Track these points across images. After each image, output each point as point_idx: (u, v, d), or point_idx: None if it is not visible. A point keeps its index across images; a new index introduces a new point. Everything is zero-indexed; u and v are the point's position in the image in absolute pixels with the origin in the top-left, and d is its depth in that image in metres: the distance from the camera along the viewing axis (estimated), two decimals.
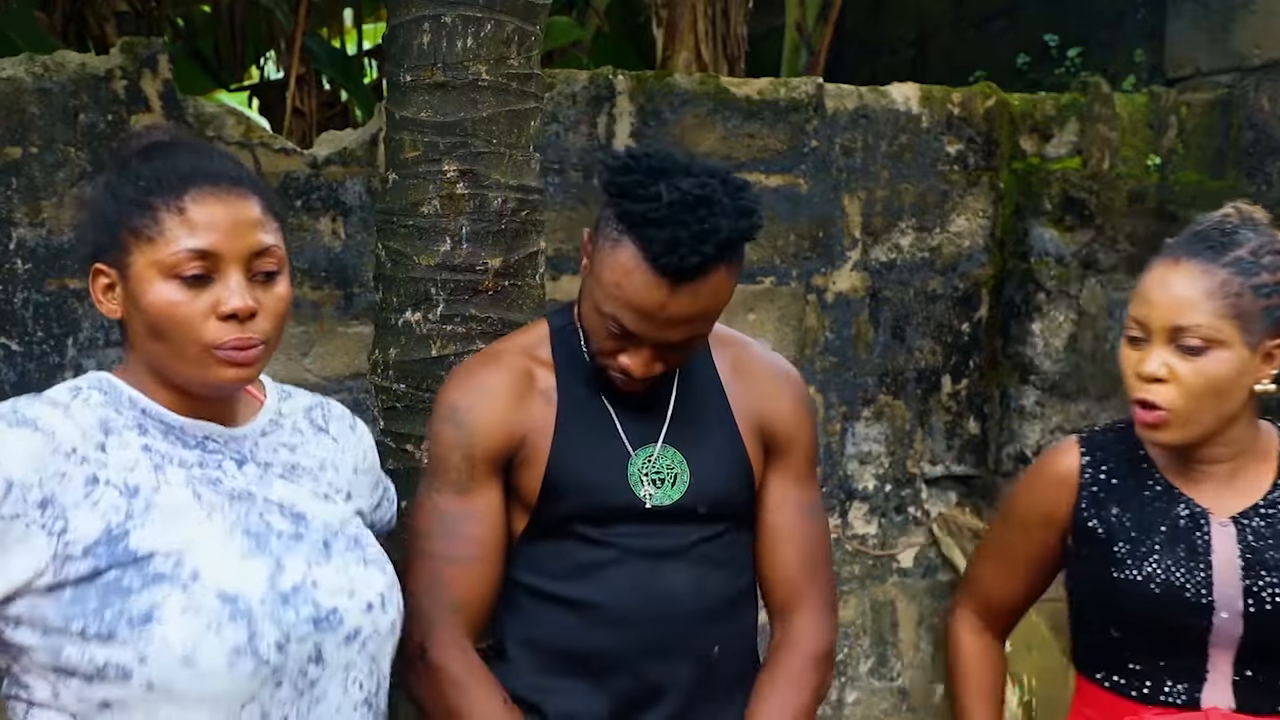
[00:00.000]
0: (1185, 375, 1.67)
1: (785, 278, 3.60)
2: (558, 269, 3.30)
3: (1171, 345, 1.68)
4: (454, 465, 1.76)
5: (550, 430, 1.76)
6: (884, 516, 3.75)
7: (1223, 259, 1.68)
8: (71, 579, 1.32)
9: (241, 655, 1.33)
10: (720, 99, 3.50)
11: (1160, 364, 1.69)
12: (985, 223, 3.78)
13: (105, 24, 4.68)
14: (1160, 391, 1.69)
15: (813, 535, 1.88)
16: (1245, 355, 1.68)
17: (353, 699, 1.47)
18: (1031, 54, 4.88)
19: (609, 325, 1.67)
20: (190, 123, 3.08)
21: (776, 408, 1.87)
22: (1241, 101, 3.87)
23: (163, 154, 1.46)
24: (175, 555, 1.36)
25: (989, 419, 3.84)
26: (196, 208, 1.40)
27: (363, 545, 1.54)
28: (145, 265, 1.39)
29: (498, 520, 1.77)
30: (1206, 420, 1.70)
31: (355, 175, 3.21)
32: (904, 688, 3.83)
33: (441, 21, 1.99)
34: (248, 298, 1.40)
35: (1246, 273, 1.67)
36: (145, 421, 1.43)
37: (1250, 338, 1.67)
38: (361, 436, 1.70)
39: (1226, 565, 1.71)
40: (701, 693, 1.78)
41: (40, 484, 1.32)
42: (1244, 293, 1.67)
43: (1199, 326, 1.66)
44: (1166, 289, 1.70)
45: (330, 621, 1.42)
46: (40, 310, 3.01)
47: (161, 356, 1.42)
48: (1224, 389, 1.68)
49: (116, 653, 1.31)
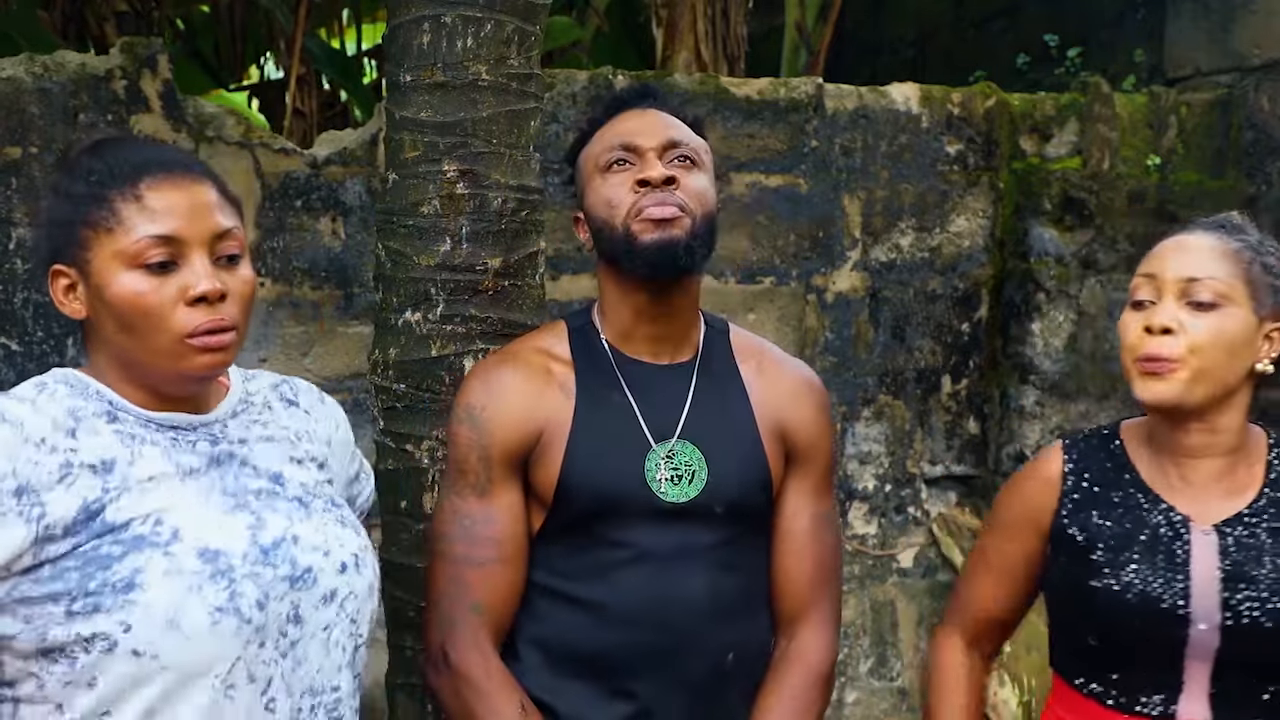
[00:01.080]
0: (1195, 329, 1.67)
1: (785, 278, 3.60)
2: (557, 269, 3.30)
3: (1183, 300, 1.68)
4: (472, 467, 1.76)
5: (568, 424, 1.76)
6: (884, 516, 3.75)
7: (1234, 235, 1.72)
8: (51, 558, 1.32)
9: (225, 614, 1.33)
10: (720, 99, 3.50)
11: (1171, 316, 1.68)
12: (985, 223, 3.78)
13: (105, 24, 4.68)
14: (1168, 343, 1.67)
15: (826, 548, 1.87)
16: (1252, 323, 1.69)
17: (335, 661, 1.47)
18: (1031, 54, 4.88)
19: (616, 158, 1.77)
20: (190, 122, 3.09)
21: (799, 415, 1.86)
22: (1241, 101, 3.87)
23: (110, 148, 1.45)
24: (154, 516, 1.36)
25: (989, 419, 3.84)
26: (153, 195, 1.38)
27: (339, 507, 1.55)
28: (107, 258, 1.37)
29: (518, 521, 1.76)
30: (1213, 380, 1.68)
31: (355, 175, 3.21)
32: (904, 688, 3.83)
33: (441, 21, 1.99)
34: (215, 280, 1.39)
35: (1256, 250, 1.70)
36: (114, 411, 1.42)
37: (1258, 307, 1.68)
38: (332, 409, 1.69)
39: (1205, 576, 1.69)
40: (715, 698, 1.77)
41: (14, 473, 1.31)
42: (1254, 263, 1.69)
43: (1213, 279, 1.67)
44: (1181, 246, 1.72)
45: (305, 580, 1.42)
46: (40, 310, 3.01)
47: (133, 352, 1.40)
48: (1233, 349, 1.68)
49: (101, 623, 1.30)
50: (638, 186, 1.74)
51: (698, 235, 1.74)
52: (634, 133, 1.78)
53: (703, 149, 1.82)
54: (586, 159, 1.84)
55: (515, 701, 1.71)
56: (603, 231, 1.77)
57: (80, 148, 1.47)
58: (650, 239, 1.71)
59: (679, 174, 1.75)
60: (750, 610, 1.82)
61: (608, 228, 1.76)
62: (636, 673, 1.74)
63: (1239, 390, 1.72)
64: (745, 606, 1.81)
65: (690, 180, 1.76)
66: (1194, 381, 1.68)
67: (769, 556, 1.85)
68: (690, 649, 1.75)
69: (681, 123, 1.83)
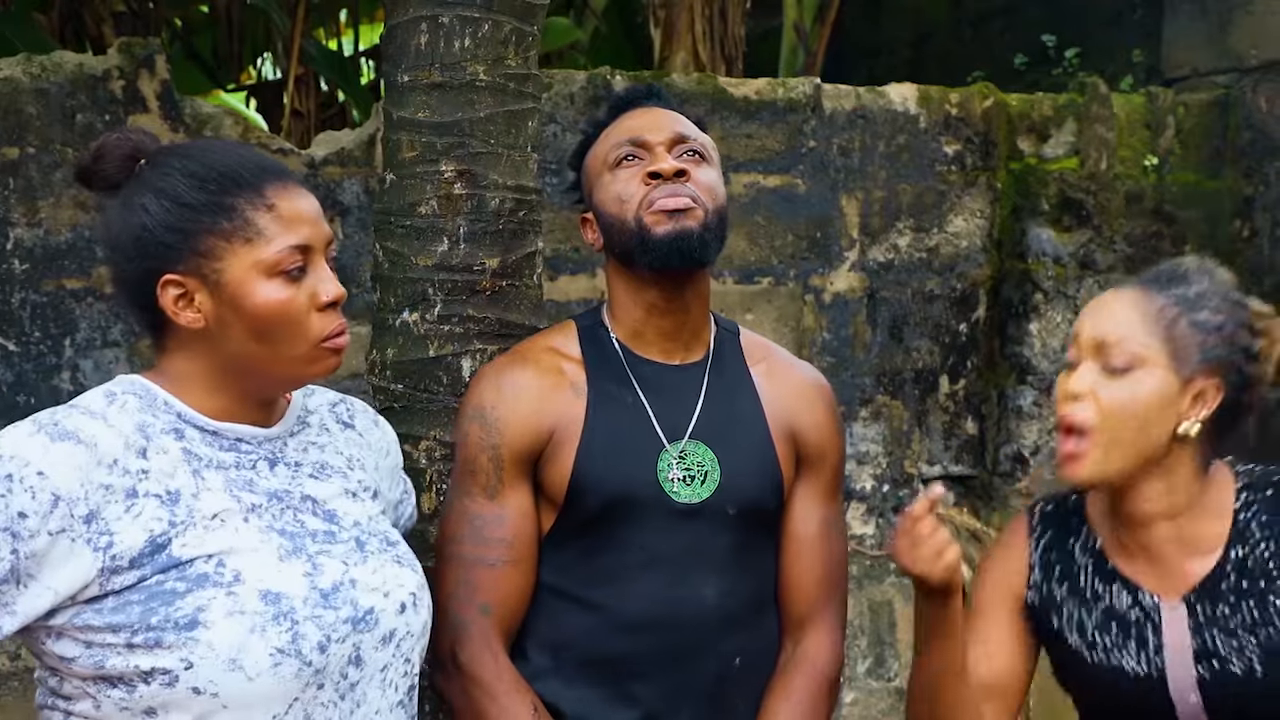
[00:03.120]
0: (1106, 394, 1.60)
1: (783, 278, 3.60)
2: (555, 269, 3.30)
3: (1099, 364, 1.62)
4: (482, 467, 1.75)
5: (580, 424, 1.75)
6: (881, 517, 3.75)
7: (1166, 290, 1.64)
8: (115, 589, 1.31)
9: (286, 656, 1.33)
10: (718, 99, 3.50)
11: (1084, 381, 1.62)
12: (983, 223, 3.79)
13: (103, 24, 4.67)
14: (1079, 410, 1.61)
15: (834, 552, 1.86)
16: (1172, 384, 1.60)
17: (389, 700, 1.46)
18: (1029, 54, 4.88)
19: (625, 154, 1.77)
20: (188, 123, 3.09)
21: (810, 418, 1.85)
22: (1239, 102, 3.87)
23: (202, 153, 1.43)
24: (217, 558, 1.35)
25: (986, 419, 3.84)
26: (283, 202, 1.39)
27: (394, 544, 1.54)
28: (245, 268, 1.37)
29: (528, 522, 1.75)
30: (1128, 449, 1.61)
31: (353, 175, 3.21)
32: (901, 688, 3.83)
33: (439, 22, 1.99)
34: (339, 285, 1.43)
35: (1187, 306, 1.62)
36: (181, 425, 1.41)
37: (1180, 366, 1.60)
38: (385, 431, 1.70)
39: (1179, 654, 1.64)
40: (722, 702, 1.77)
41: (85, 498, 1.29)
42: (1179, 321, 1.61)
43: (1125, 340, 1.60)
44: (1102, 306, 1.66)
45: (367, 622, 1.41)
46: (38, 310, 3.01)
47: (260, 360, 1.41)
48: (1145, 414, 1.60)
49: (162, 659, 1.30)
50: (648, 179, 1.73)
51: (710, 227, 1.73)
52: (642, 129, 1.78)
53: (710, 145, 1.82)
54: (593, 158, 1.84)
55: (528, 703, 1.70)
56: (614, 227, 1.76)
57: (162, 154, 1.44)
58: (664, 230, 1.70)
59: (689, 167, 1.75)
60: (758, 614, 1.81)
61: (619, 222, 1.75)
62: (644, 676, 1.73)
63: (1172, 453, 1.64)
64: (754, 610, 1.80)
65: (700, 174, 1.76)
66: (1106, 458, 1.61)
67: (777, 560, 1.84)
68: (698, 653, 1.74)
69: (687, 119, 1.84)
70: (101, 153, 1.43)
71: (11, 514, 1.26)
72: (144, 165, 1.42)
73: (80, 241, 3.02)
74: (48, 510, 1.27)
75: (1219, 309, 1.63)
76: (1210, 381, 1.61)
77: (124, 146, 1.43)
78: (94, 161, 1.43)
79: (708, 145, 1.82)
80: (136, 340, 3.04)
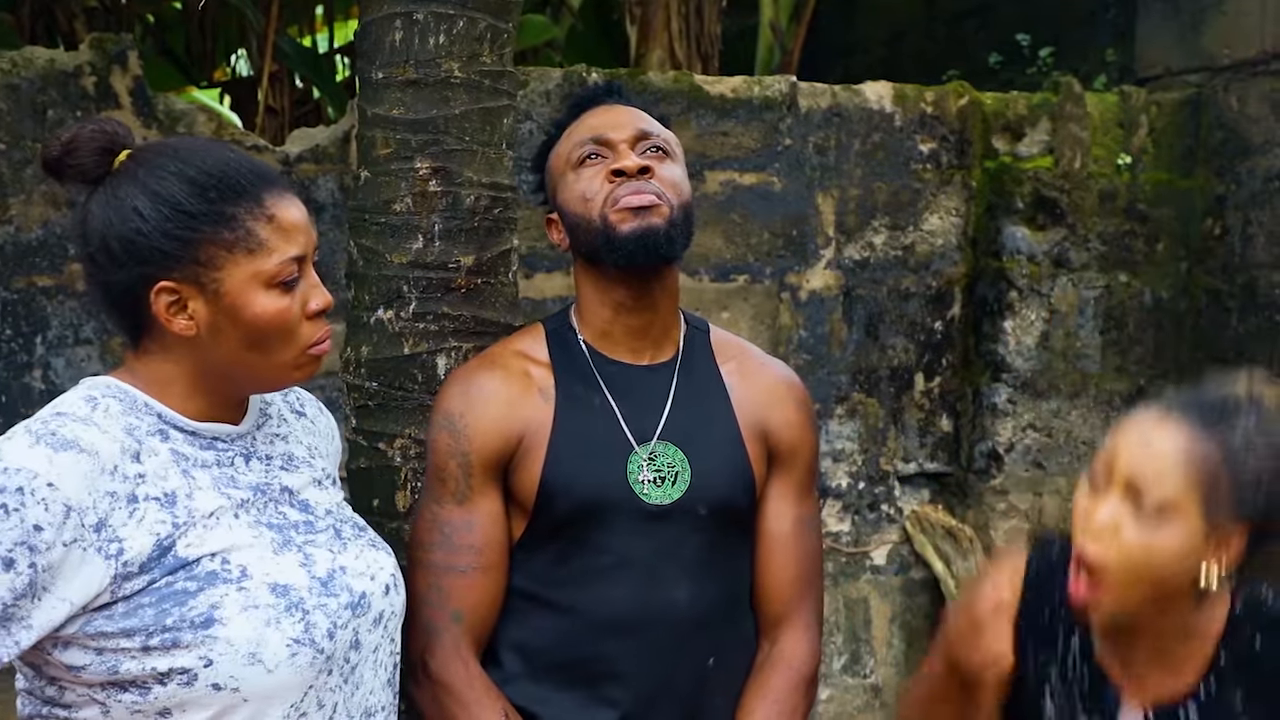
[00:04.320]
0: (1129, 537, 1.50)
1: (759, 276, 3.61)
2: (531, 267, 3.30)
3: (1129, 499, 1.51)
4: (452, 474, 1.74)
5: (548, 428, 1.74)
6: (857, 514, 3.76)
7: (1212, 432, 1.51)
8: (126, 594, 1.30)
9: (301, 646, 1.35)
10: (694, 97, 3.50)
11: (1110, 516, 1.52)
12: (958, 221, 3.80)
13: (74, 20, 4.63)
14: (1098, 550, 1.52)
15: (809, 550, 1.85)
16: (1199, 535, 1.50)
17: (380, 680, 1.50)
18: (1003, 53, 4.90)
19: (588, 153, 1.75)
20: (161, 119, 3.06)
21: (782, 416, 1.84)
22: (1211, 101, 3.90)
23: (194, 155, 1.40)
24: (221, 555, 1.35)
25: (961, 416, 3.86)
26: (280, 212, 1.39)
27: (364, 529, 1.56)
28: (246, 278, 1.37)
29: (499, 529, 1.75)
30: (1137, 596, 1.53)
31: (328, 172, 3.20)
32: (877, 685, 3.85)
33: (414, 18, 1.98)
34: (327, 293, 1.44)
35: (1231, 455, 1.50)
36: (164, 427, 1.40)
37: (1211, 517, 1.50)
38: (329, 419, 1.71)
39: None
40: (697, 703, 1.76)
41: (94, 506, 1.28)
42: (1220, 473, 1.49)
43: (1161, 486, 1.49)
44: (1143, 439, 1.53)
45: (362, 606, 1.44)
46: (8, 308, 2.98)
47: (250, 365, 1.41)
48: (1166, 565, 1.51)
49: (180, 658, 1.30)
50: (612, 177, 1.72)
51: (676, 223, 1.72)
52: (604, 126, 1.77)
53: (673, 140, 1.81)
54: (556, 158, 1.83)
55: (498, 710, 1.69)
56: (579, 226, 1.75)
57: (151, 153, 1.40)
58: (630, 227, 1.69)
59: (653, 164, 1.74)
60: (733, 614, 1.81)
61: (584, 221, 1.74)
62: (619, 678, 1.72)
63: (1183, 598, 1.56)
64: (728, 610, 1.79)
65: (664, 170, 1.75)
66: (1116, 601, 1.54)
67: (751, 560, 1.83)
68: (673, 654, 1.73)
69: (649, 116, 1.83)
70: (74, 144, 1.39)
71: (27, 528, 1.24)
72: (129, 162, 1.39)
73: (51, 239, 3.00)
74: (61, 521, 1.25)
75: (1263, 456, 1.52)
76: (1238, 529, 1.53)
77: (99, 139, 1.39)
78: (65, 153, 1.39)
79: (671, 141, 1.81)
80: (109, 338, 3.02)
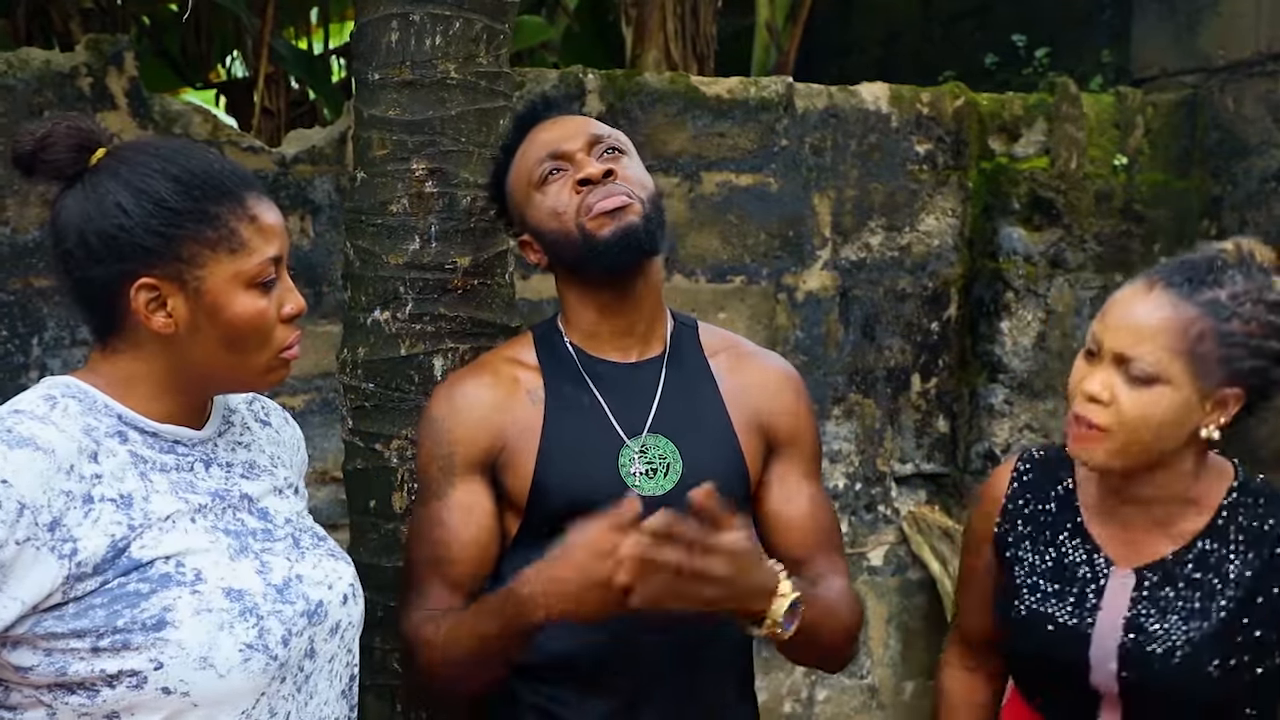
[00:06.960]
0: (1125, 403, 1.59)
1: (755, 276, 3.61)
2: (527, 268, 3.29)
3: (1119, 369, 1.60)
4: (433, 477, 1.78)
5: (538, 430, 1.76)
6: (854, 515, 3.76)
7: (1197, 296, 1.58)
8: (78, 595, 1.29)
9: (255, 652, 1.33)
10: (690, 98, 3.50)
11: (1103, 386, 1.61)
12: (954, 222, 3.80)
13: (70, 21, 4.63)
14: (1097, 413, 1.61)
15: (828, 523, 1.86)
16: (1192, 398, 1.58)
17: (335, 690, 1.49)
18: (999, 54, 4.91)
19: (548, 169, 1.77)
20: (157, 120, 3.06)
21: (779, 404, 1.86)
22: (1207, 102, 3.90)
23: (177, 155, 1.40)
24: (175, 558, 1.34)
25: (958, 417, 3.86)
26: (262, 214, 1.40)
27: (324, 539, 1.56)
28: (227, 277, 1.37)
29: (479, 528, 1.76)
30: (1137, 453, 1.62)
31: (324, 174, 3.19)
32: (873, 685, 3.85)
33: (410, 20, 1.98)
34: (300, 297, 1.45)
35: (1217, 316, 1.57)
36: (123, 428, 1.40)
37: (1203, 382, 1.58)
38: (295, 429, 1.72)
39: (1110, 621, 1.65)
40: (692, 692, 1.77)
41: (49, 505, 1.27)
42: (1206, 336, 1.57)
43: (1147, 357, 1.57)
44: (1128, 312, 1.62)
45: (319, 615, 1.43)
46: (5, 310, 2.98)
47: (225, 367, 1.41)
48: (1161, 427, 1.59)
49: (130, 661, 1.28)
50: (579, 187, 1.75)
51: (651, 217, 1.75)
52: (557, 140, 1.79)
53: (623, 137, 1.84)
54: (516, 180, 1.84)
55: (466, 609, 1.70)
56: (558, 241, 1.77)
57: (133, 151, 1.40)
58: (609, 231, 1.72)
59: (613, 165, 1.76)
60: None
61: (562, 235, 1.76)
62: (614, 671, 1.74)
63: (1184, 450, 1.64)
64: None
65: (625, 168, 1.78)
66: (1119, 453, 1.62)
67: (771, 539, 1.82)
68: (666, 644, 1.74)
69: (593, 119, 1.86)
70: (49, 141, 1.38)
71: None
72: (110, 160, 1.39)
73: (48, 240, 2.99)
74: (14, 519, 1.24)
75: (1250, 317, 1.58)
76: (1233, 391, 1.59)
77: (75, 135, 1.39)
78: (40, 149, 1.38)
79: (621, 138, 1.84)
80: None
